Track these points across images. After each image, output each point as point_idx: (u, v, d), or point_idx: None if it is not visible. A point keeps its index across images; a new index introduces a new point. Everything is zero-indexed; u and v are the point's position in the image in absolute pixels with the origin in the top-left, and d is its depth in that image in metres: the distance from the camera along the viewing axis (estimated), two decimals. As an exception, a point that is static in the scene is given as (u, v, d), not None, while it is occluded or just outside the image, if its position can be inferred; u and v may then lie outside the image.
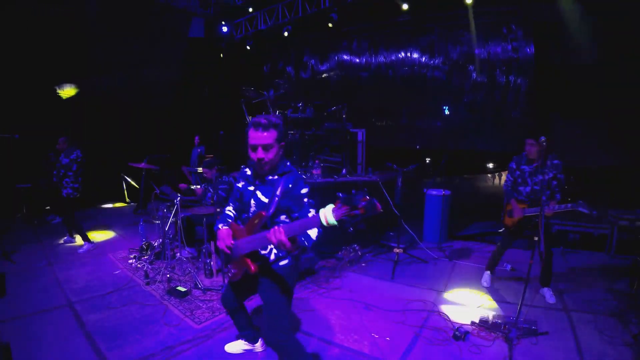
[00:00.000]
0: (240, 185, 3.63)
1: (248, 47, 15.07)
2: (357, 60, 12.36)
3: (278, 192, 3.26)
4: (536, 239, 5.25)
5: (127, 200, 13.65)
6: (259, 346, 4.38)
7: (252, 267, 3.24)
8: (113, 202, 13.44)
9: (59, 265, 7.09)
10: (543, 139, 5.06)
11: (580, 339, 4.60)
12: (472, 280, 6.49)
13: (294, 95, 9.49)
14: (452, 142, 7.91)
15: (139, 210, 11.66)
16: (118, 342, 4.45)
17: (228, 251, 3.39)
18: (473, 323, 4.94)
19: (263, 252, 3.41)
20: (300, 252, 3.60)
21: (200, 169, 11.17)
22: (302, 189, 3.34)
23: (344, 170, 8.31)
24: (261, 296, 3.55)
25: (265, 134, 3.24)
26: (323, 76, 13.38)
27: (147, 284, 6.17)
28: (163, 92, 15.71)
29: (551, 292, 5.73)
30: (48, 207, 10.80)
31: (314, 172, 7.62)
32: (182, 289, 5.76)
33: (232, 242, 3.38)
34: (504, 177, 9.43)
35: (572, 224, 7.80)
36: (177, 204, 6.45)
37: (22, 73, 11.21)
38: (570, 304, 5.55)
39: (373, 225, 8.30)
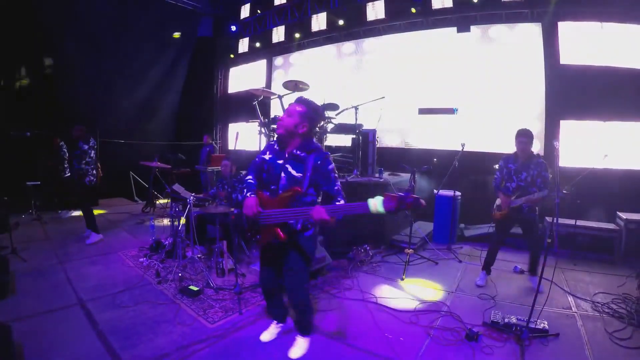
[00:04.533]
0: (267, 157, 3.97)
1: (257, 45, 15.10)
2: (367, 58, 12.33)
3: (309, 168, 3.68)
4: (549, 241, 5.34)
5: (136, 198, 13.68)
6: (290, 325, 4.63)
7: (282, 235, 3.64)
8: (121, 199, 13.49)
9: (69, 263, 7.07)
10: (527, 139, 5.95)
11: (590, 341, 4.56)
12: (475, 280, 6.49)
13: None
14: (463, 142, 7.87)
15: (147, 208, 11.69)
16: (131, 342, 4.42)
17: (258, 220, 3.71)
18: (484, 324, 4.91)
19: (290, 221, 3.74)
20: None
21: (210, 168, 11.23)
22: (329, 165, 3.76)
23: (355, 171, 8.30)
24: (287, 262, 3.95)
25: (295, 105, 3.82)
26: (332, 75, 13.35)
27: (159, 282, 6.14)
28: (173, 91, 15.76)
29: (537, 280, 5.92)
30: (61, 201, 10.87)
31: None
32: (195, 288, 5.72)
33: (261, 210, 3.69)
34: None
35: (581, 227, 7.78)
36: (189, 203, 6.46)
37: (33, 72, 11.27)
38: (580, 306, 5.54)
39: (383, 225, 8.29)
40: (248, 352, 4.31)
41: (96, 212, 8.79)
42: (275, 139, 4.06)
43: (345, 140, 9.97)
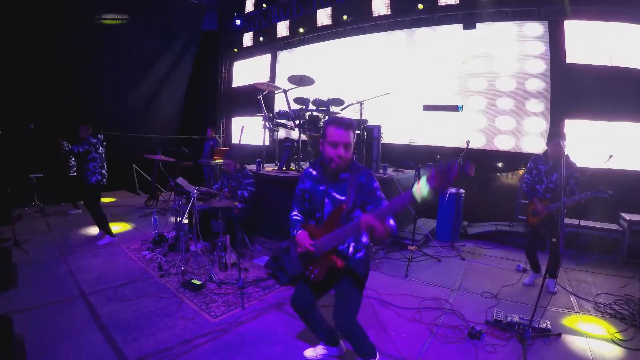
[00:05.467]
0: (307, 185, 3.71)
1: (262, 39, 15.08)
2: (372, 54, 12.29)
3: (353, 188, 3.40)
4: (554, 240, 5.34)
5: (139, 191, 13.69)
6: (341, 350, 4.29)
7: (339, 263, 3.38)
8: (124, 192, 13.50)
9: (71, 255, 7.09)
10: (563, 141, 5.48)
11: (593, 342, 4.56)
12: (484, 279, 6.48)
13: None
14: (468, 140, 7.84)
15: (150, 201, 11.69)
16: (133, 335, 4.43)
17: (313, 251, 3.45)
18: (487, 322, 4.91)
19: (341, 247, 3.54)
20: (370, 244, 3.78)
21: (213, 162, 11.22)
22: (374, 182, 3.48)
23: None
24: (338, 288, 3.67)
25: (348, 132, 3.38)
26: (337, 70, 13.32)
27: (162, 276, 6.15)
28: (177, 85, 15.76)
29: (555, 283, 6.02)
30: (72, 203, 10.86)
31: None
32: (197, 282, 5.73)
33: (312, 242, 3.47)
34: (516, 177, 9.44)
35: (584, 228, 7.77)
36: (193, 197, 6.45)
37: (37, 65, 11.25)
38: (583, 307, 5.53)
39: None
40: (250, 347, 4.31)
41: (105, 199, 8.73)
42: (315, 163, 3.74)
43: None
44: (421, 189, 2.65)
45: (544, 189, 5.92)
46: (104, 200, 10.30)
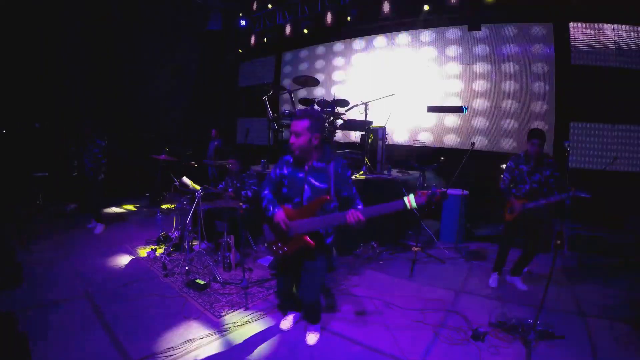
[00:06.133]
0: (285, 171, 4.08)
1: (267, 40, 15.08)
2: (376, 56, 12.28)
3: (332, 177, 3.90)
4: (559, 242, 5.34)
5: (143, 191, 13.68)
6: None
7: (311, 242, 3.85)
8: (128, 192, 13.53)
9: (76, 254, 7.10)
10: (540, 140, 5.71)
11: (597, 344, 4.53)
12: (488, 281, 6.45)
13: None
14: (472, 141, 7.83)
15: (154, 201, 11.69)
16: (137, 334, 4.44)
17: (287, 232, 3.95)
18: (491, 324, 4.90)
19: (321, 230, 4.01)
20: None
21: (218, 162, 11.22)
22: (348, 172, 4.02)
23: (363, 168, 8.28)
24: (308, 266, 4.16)
25: (297, 122, 3.88)
26: (342, 71, 13.31)
27: (166, 275, 6.17)
28: (182, 85, 15.77)
29: (521, 281, 6.25)
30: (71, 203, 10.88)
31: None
32: (201, 282, 5.75)
33: (290, 223, 3.93)
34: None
35: (588, 230, 7.75)
36: (198, 197, 6.46)
37: (42, 65, 11.29)
38: (587, 310, 5.48)
39: (391, 223, 8.28)
40: (254, 347, 4.32)
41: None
42: (290, 153, 4.11)
43: (354, 137, 9.94)
44: (411, 202, 3.46)
45: (528, 190, 5.92)
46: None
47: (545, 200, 5.64)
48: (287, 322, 4.79)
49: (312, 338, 4.45)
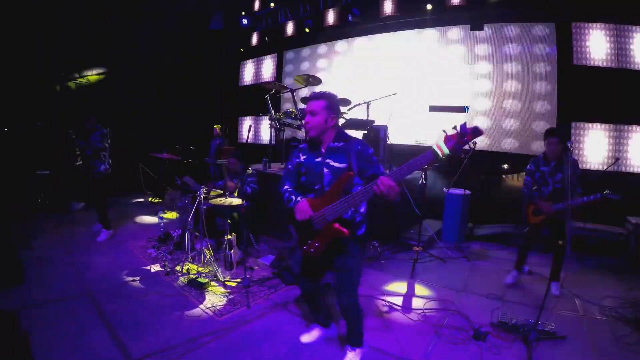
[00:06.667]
0: (302, 159, 3.82)
1: (269, 39, 15.07)
2: (378, 55, 12.27)
3: (353, 154, 3.57)
4: (560, 242, 5.33)
5: (144, 190, 13.70)
6: (334, 331, 4.58)
7: (345, 231, 3.44)
8: (131, 191, 13.54)
9: (77, 253, 7.11)
10: (555, 139, 5.67)
11: (598, 344, 4.54)
12: (490, 281, 6.45)
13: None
14: (474, 141, 7.81)
15: (156, 200, 11.71)
16: (138, 333, 4.45)
17: (314, 222, 3.55)
18: (492, 324, 4.90)
19: (345, 216, 3.59)
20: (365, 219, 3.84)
21: (219, 161, 11.23)
22: (369, 149, 3.66)
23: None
24: (340, 263, 3.76)
25: (314, 102, 3.66)
26: (344, 70, 13.31)
27: (167, 274, 6.17)
28: (184, 83, 15.77)
29: (558, 285, 5.99)
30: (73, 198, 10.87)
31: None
32: (203, 280, 5.74)
33: (312, 213, 3.55)
34: (522, 178, 9.42)
35: (590, 230, 7.74)
36: (199, 195, 6.47)
37: (43, 64, 11.30)
38: (588, 310, 5.48)
39: (393, 222, 8.28)
40: (256, 346, 4.32)
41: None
42: (305, 140, 3.96)
43: (356, 136, 9.95)
44: (441, 148, 3.03)
45: (551, 191, 5.84)
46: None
47: (575, 202, 5.48)
48: (307, 336, 4.51)
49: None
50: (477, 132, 3.00)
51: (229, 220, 6.75)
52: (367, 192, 3.28)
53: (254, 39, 15.64)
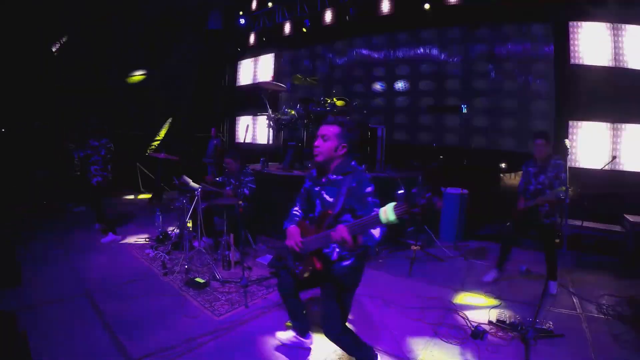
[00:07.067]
0: (307, 185, 3.84)
1: (266, 39, 15.07)
2: (376, 55, 12.30)
3: (343, 191, 3.39)
4: (557, 241, 5.37)
5: (142, 190, 13.70)
6: (308, 342, 4.39)
7: (318, 265, 3.38)
8: (129, 192, 13.54)
9: (75, 253, 7.10)
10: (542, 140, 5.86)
11: (595, 343, 4.54)
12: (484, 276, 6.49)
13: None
14: (472, 140, 7.85)
15: (154, 200, 11.71)
16: (137, 333, 4.44)
17: (297, 249, 3.49)
18: (490, 322, 4.91)
19: (326, 250, 3.51)
20: (365, 252, 3.67)
21: (217, 161, 11.23)
22: (366, 188, 3.39)
23: (362, 167, 8.28)
24: (322, 293, 3.69)
25: (328, 126, 3.53)
26: (341, 70, 13.32)
27: (165, 274, 6.18)
28: (182, 83, 15.77)
29: (555, 285, 6.07)
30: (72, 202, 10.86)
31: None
32: (201, 280, 5.75)
33: (301, 239, 3.50)
34: (519, 177, 9.44)
35: (588, 229, 7.75)
36: (197, 195, 6.47)
37: (43, 64, 11.29)
38: (585, 308, 5.50)
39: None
40: (254, 346, 4.33)
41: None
42: (313, 168, 3.89)
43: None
44: (387, 214, 2.75)
45: (532, 191, 6.04)
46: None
47: (540, 198, 5.80)
48: (283, 334, 4.44)
49: None
50: (431, 207, 2.66)
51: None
52: (327, 237, 3.26)
53: (252, 38, 15.66)
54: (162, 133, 14.91)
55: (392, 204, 2.78)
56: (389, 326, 4.83)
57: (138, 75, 14.26)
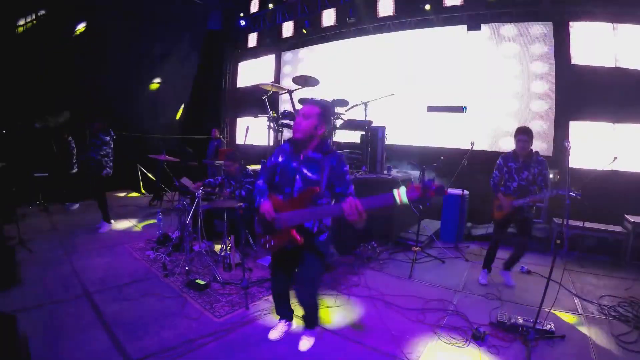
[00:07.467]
0: (280, 160, 3.94)
1: (267, 40, 15.06)
2: (376, 55, 12.26)
3: (327, 169, 3.68)
4: (558, 242, 5.34)
5: (143, 191, 13.69)
6: (294, 323, 4.75)
7: (299, 238, 3.62)
8: (127, 191, 13.55)
9: (75, 254, 7.09)
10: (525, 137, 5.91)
11: (596, 343, 4.55)
12: (488, 280, 6.46)
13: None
14: (472, 141, 7.84)
15: (154, 201, 11.70)
16: (137, 334, 4.43)
17: (272, 222, 3.72)
18: (491, 324, 4.91)
19: (308, 224, 3.77)
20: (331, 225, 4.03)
21: (217, 162, 11.22)
22: (344, 166, 3.79)
23: (363, 167, 8.29)
24: (302, 264, 3.99)
25: (309, 106, 3.81)
26: (341, 71, 13.31)
27: (166, 276, 6.16)
28: (182, 84, 15.77)
29: (510, 276, 6.36)
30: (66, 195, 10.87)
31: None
32: (201, 282, 5.74)
33: (275, 215, 3.70)
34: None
35: (589, 229, 7.74)
36: (198, 197, 6.46)
37: (43, 65, 11.28)
38: (587, 309, 5.50)
39: (391, 223, 8.28)
40: (255, 347, 4.32)
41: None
42: (288, 140, 4.02)
43: (354, 137, 9.93)
44: (401, 196, 3.03)
45: (516, 187, 6.03)
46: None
47: (531, 198, 5.80)
48: (274, 332, 4.56)
49: (305, 344, 4.32)
50: (440, 191, 2.98)
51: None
52: (335, 210, 3.53)
53: (252, 40, 15.67)
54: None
55: (405, 188, 3.04)
56: (390, 327, 4.81)
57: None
